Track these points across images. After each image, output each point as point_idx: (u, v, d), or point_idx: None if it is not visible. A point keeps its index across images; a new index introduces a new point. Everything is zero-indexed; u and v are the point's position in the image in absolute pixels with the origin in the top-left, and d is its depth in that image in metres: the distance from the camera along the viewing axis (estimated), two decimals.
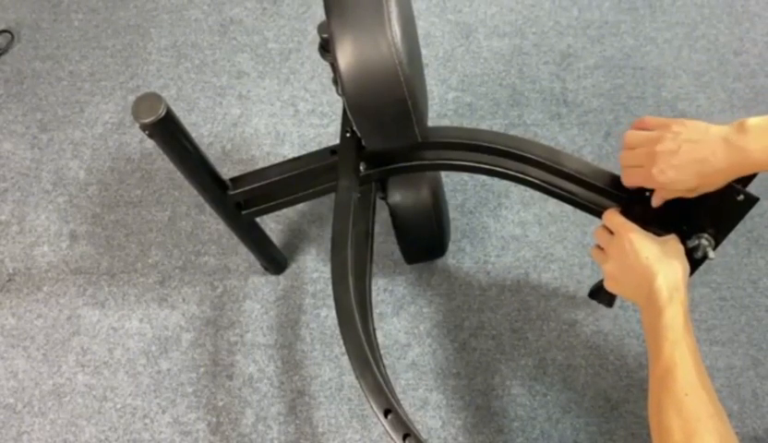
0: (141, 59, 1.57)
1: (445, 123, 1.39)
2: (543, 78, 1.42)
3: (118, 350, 1.19)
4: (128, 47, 1.59)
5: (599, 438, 1.04)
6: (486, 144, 0.88)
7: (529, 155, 0.86)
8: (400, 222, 1.07)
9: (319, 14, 1.59)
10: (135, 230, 1.32)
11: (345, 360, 1.14)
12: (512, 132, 1.35)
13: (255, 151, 1.39)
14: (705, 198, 0.70)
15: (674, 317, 0.65)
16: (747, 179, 0.69)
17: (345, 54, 0.72)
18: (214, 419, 1.11)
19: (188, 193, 1.35)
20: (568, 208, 0.91)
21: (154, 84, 1.53)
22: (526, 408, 1.07)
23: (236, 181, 0.97)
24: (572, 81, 1.41)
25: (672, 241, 0.73)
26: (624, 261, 0.73)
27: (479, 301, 1.18)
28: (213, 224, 1.31)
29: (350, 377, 1.13)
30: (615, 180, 0.82)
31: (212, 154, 1.38)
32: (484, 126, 1.37)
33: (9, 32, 1.63)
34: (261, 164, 1.01)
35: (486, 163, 0.91)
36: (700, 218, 0.73)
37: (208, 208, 1.31)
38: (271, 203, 1.01)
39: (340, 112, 1.10)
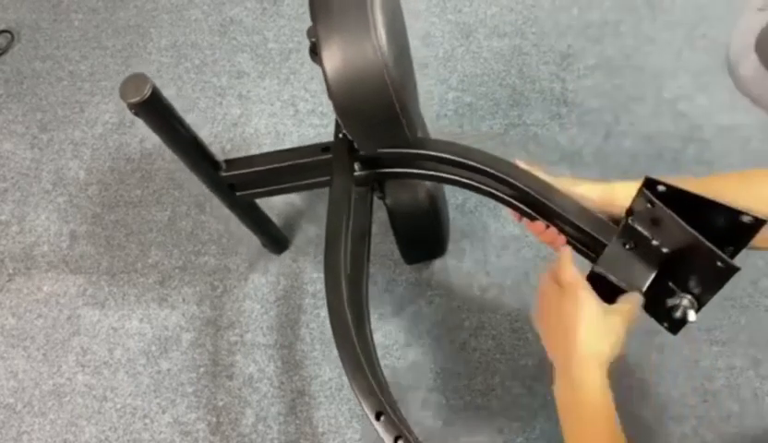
0: (141, 59, 1.57)
1: (445, 123, 1.38)
2: (543, 78, 1.42)
3: (118, 350, 1.19)
4: (128, 47, 1.59)
5: None
6: (477, 165, 0.85)
7: (520, 184, 0.82)
8: (398, 223, 1.07)
9: None
10: (135, 230, 1.32)
11: None
12: (512, 132, 1.35)
13: (255, 151, 1.39)
14: (691, 260, 0.68)
15: (591, 395, 0.64)
16: (739, 246, 0.67)
17: (331, 59, 0.71)
18: (214, 419, 1.11)
19: (188, 193, 1.35)
20: None
21: None
22: (526, 408, 1.07)
23: (230, 163, 0.98)
24: (572, 81, 1.41)
25: (617, 314, 0.69)
26: (559, 316, 0.68)
27: (479, 301, 1.17)
28: (213, 224, 1.31)
29: None
30: (602, 225, 0.77)
31: None
32: (484, 126, 1.37)
33: (9, 32, 1.63)
34: None
35: (477, 182, 0.88)
36: (687, 279, 0.72)
37: (208, 207, 1.31)
38: (263, 189, 1.02)
39: None
